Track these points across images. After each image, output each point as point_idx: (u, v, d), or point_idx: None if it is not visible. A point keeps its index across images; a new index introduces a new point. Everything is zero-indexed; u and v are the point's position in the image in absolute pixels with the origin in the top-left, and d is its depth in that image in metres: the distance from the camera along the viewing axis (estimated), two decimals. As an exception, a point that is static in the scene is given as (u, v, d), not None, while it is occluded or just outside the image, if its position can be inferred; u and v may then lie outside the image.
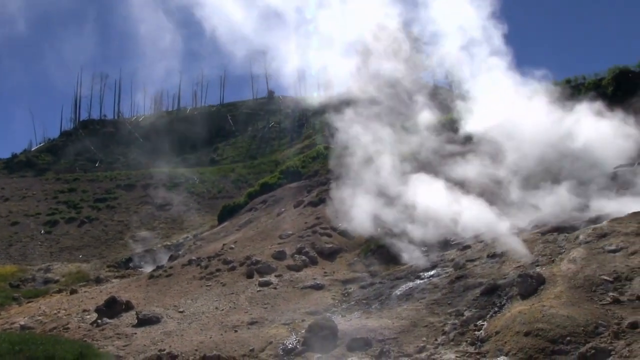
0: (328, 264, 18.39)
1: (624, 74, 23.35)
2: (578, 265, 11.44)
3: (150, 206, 40.09)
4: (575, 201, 15.93)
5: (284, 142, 56.16)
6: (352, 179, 21.33)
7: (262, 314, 14.27)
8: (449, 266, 14.64)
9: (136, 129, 63.79)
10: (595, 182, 16.55)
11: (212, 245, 23.10)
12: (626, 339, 8.62)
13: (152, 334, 13.59)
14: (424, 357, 10.03)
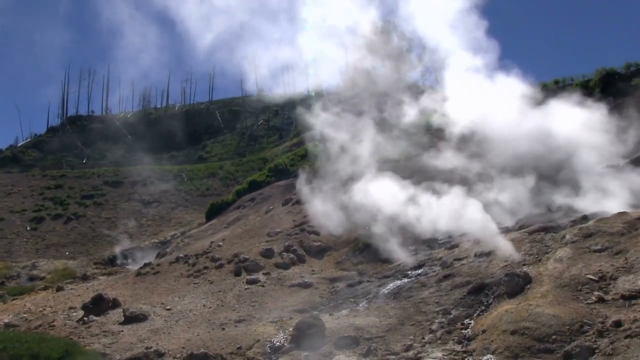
0: (316, 262, 18.40)
1: (610, 75, 23.57)
2: (564, 264, 11.53)
3: (138, 203, 39.88)
4: (536, 198, 16.19)
5: (272, 139, 56.07)
6: (331, 178, 21.50)
7: (249, 311, 14.25)
8: (436, 265, 14.71)
9: (124, 126, 63.37)
10: (565, 180, 16.84)
11: (200, 243, 23.03)
12: (610, 337, 8.71)
13: (139, 332, 13.53)
14: (411, 355, 10.07)
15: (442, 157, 21.12)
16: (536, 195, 17.17)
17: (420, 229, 17.53)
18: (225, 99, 69.55)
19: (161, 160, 53.81)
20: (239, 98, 69.04)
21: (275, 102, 62.62)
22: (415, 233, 17.53)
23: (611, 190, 15.67)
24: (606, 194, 15.67)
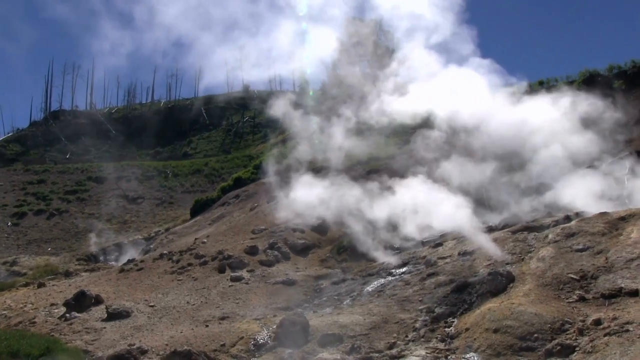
0: (300, 259, 18.39)
1: (593, 76, 23.86)
2: (547, 263, 11.65)
3: (122, 199, 39.58)
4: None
5: (258, 136, 55.92)
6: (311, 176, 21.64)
7: (233, 308, 14.22)
8: (420, 263, 14.77)
9: (109, 121, 62.85)
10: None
11: (184, 240, 22.93)
12: (590, 335, 8.82)
13: (121, 329, 13.44)
14: (394, 353, 10.11)
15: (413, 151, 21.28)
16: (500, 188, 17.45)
17: (406, 227, 17.62)
18: (211, 95, 69.17)
19: (146, 156, 53.47)
20: (225, 94, 68.73)
21: (261, 99, 62.42)
22: (399, 231, 17.62)
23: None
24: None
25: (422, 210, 17.50)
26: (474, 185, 18.25)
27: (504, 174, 18.39)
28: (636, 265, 10.54)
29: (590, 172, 16.92)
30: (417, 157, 21.34)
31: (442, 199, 17.26)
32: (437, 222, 17.03)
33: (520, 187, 17.90)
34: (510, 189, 17.92)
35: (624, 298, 9.64)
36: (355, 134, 22.98)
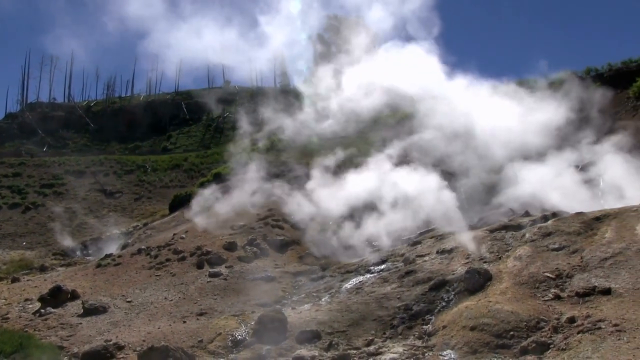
0: (279, 256, 18.38)
1: (571, 78, 24.15)
2: (523, 262, 11.78)
3: (100, 193, 39.11)
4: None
5: (238, 132, 55.60)
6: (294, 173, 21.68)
7: (211, 304, 14.16)
8: (399, 261, 14.84)
9: (87, 114, 62.00)
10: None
11: (163, 235, 22.76)
12: (564, 332, 8.95)
13: (98, 324, 13.31)
14: (372, 350, 10.15)
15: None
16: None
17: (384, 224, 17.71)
18: (191, 90, 68.52)
19: (125, 150, 52.85)
20: (205, 89, 68.17)
21: (242, 95, 62.13)
22: (378, 229, 17.70)
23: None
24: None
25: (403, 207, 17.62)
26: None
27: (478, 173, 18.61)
28: (610, 264, 10.72)
29: (565, 172, 17.16)
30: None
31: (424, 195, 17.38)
32: (417, 220, 17.20)
33: (494, 186, 18.13)
34: (486, 188, 18.11)
35: (598, 296, 9.80)
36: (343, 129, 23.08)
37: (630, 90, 22.41)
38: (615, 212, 13.08)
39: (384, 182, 18.68)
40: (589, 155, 18.12)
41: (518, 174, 17.63)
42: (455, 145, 19.43)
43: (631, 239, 11.38)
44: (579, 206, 14.86)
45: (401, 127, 22.41)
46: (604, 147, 18.48)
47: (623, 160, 17.87)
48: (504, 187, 18.00)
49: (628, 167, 17.65)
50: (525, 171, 17.68)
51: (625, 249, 11.06)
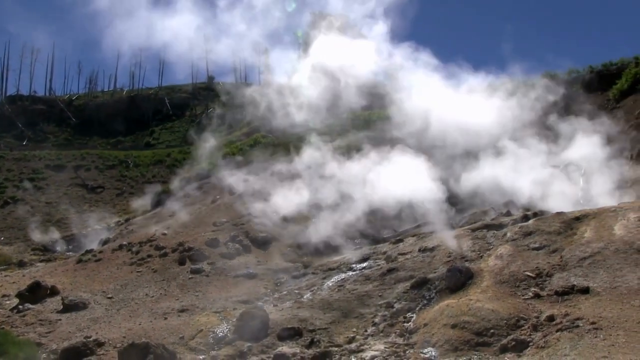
0: (261, 253, 18.34)
1: (553, 79, 24.43)
2: (504, 261, 11.89)
3: (81, 188, 38.73)
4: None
5: (222, 128, 55.38)
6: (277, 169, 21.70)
7: (193, 301, 14.11)
8: (381, 259, 14.90)
9: (68, 108, 61.30)
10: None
11: (144, 231, 22.60)
12: (543, 330, 9.06)
13: (78, 320, 13.19)
14: (353, 347, 10.18)
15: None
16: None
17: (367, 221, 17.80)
18: (174, 85, 68.07)
19: (107, 145, 52.38)
20: (189, 85, 67.79)
21: (226, 91, 61.87)
22: (359, 226, 17.80)
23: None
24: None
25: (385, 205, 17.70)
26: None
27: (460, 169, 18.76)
28: (588, 263, 10.86)
29: (546, 172, 17.34)
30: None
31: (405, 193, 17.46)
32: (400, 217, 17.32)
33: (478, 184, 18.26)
34: (470, 185, 18.24)
35: (576, 295, 9.93)
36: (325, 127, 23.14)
37: (610, 93, 22.70)
38: (594, 212, 13.25)
39: (366, 177, 18.73)
40: (568, 155, 18.31)
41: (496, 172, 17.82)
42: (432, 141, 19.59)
43: (609, 238, 11.54)
44: (558, 204, 15.07)
45: (381, 124, 22.46)
46: (584, 146, 18.71)
47: (603, 159, 18.17)
48: (484, 186, 18.19)
49: (607, 166, 17.97)
50: (505, 170, 17.87)
51: (603, 248, 11.21)
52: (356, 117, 26.13)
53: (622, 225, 11.93)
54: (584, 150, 18.47)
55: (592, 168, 17.92)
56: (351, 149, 22.20)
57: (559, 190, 16.51)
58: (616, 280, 9.98)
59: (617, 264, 10.50)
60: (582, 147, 18.55)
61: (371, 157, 19.75)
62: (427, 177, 17.14)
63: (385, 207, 17.89)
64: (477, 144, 18.96)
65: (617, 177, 17.62)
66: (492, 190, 17.96)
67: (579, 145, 18.57)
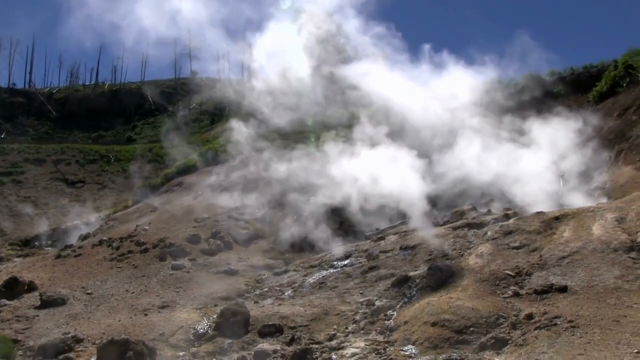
0: (243, 249, 18.31)
1: (536, 81, 24.66)
2: (485, 260, 11.99)
3: (61, 182, 38.31)
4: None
5: (204, 124, 55.09)
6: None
7: (173, 297, 14.04)
8: (362, 256, 14.94)
9: (49, 101, 60.53)
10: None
11: (125, 226, 22.43)
12: (522, 329, 9.15)
13: (56, 317, 13.06)
14: (334, 344, 10.20)
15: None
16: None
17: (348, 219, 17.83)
18: (157, 80, 67.57)
19: (88, 139, 51.84)
20: (172, 80, 67.34)
21: (208, 86, 61.53)
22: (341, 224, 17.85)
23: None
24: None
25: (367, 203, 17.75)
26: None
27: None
28: (567, 263, 11.00)
29: (526, 171, 17.49)
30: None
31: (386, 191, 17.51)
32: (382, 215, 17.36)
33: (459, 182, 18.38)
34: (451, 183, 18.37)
35: (555, 294, 10.05)
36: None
37: (590, 94, 22.98)
38: (573, 212, 13.41)
39: (348, 174, 18.77)
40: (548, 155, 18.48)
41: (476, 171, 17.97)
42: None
43: (587, 238, 11.69)
44: (538, 204, 15.25)
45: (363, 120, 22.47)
46: (564, 146, 18.91)
47: (582, 160, 18.41)
48: (464, 184, 18.32)
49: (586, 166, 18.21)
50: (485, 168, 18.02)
51: (581, 248, 11.36)
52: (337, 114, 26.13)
53: (600, 225, 12.08)
54: (564, 151, 18.66)
55: (572, 169, 18.13)
56: (331, 145, 22.16)
57: (539, 189, 16.67)
58: (593, 279, 10.12)
59: (594, 263, 10.65)
60: (561, 148, 18.73)
61: (353, 153, 19.77)
62: (409, 175, 17.18)
63: (367, 205, 17.94)
64: (456, 142, 19.06)
65: (596, 178, 17.87)
66: (472, 189, 18.10)
67: (559, 146, 18.75)
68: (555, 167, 17.90)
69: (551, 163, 17.86)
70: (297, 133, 25.73)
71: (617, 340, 8.10)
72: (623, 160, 17.67)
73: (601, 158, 18.58)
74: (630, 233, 11.49)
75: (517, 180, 16.96)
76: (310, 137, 23.33)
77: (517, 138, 18.79)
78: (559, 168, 18.01)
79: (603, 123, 20.50)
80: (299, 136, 25.30)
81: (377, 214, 18.16)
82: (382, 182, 17.31)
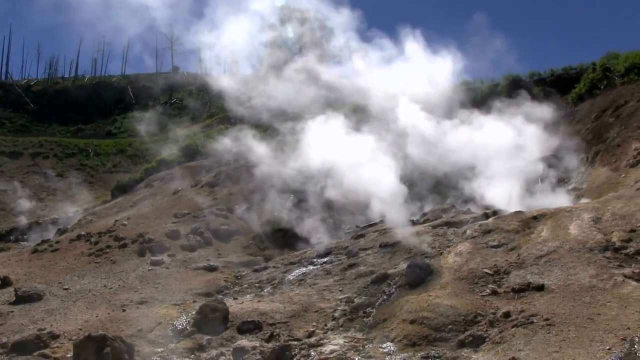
0: (223, 245, 18.26)
1: (516, 81, 24.92)
2: (464, 258, 12.08)
3: (39, 176, 37.85)
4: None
5: (185, 119, 54.76)
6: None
7: (152, 293, 13.94)
8: (342, 254, 14.98)
9: (26, 94, 59.67)
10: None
11: (104, 221, 22.23)
12: (499, 327, 9.25)
13: (31, 312, 12.88)
14: (313, 341, 10.21)
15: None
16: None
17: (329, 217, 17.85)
18: (138, 74, 66.94)
19: (67, 133, 51.22)
20: (153, 74, 66.75)
21: (190, 82, 61.16)
22: (322, 221, 17.88)
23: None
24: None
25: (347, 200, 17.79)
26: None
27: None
28: (544, 262, 11.13)
29: (505, 171, 17.68)
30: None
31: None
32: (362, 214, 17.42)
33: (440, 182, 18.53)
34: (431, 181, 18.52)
35: (532, 292, 10.16)
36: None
37: (569, 96, 23.27)
38: (551, 212, 13.57)
39: (328, 170, 18.81)
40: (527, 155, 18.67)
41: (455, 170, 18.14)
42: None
43: (564, 238, 11.84)
44: (518, 205, 15.43)
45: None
46: (543, 147, 19.14)
47: (560, 160, 18.65)
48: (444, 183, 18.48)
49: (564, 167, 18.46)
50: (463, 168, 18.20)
51: (558, 247, 11.50)
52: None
53: (576, 225, 12.25)
54: (542, 151, 18.89)
55: (550, 169, 18.36)
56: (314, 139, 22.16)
57: (518, 189, 16.86)
58: (569, 278, 10.25)
59: (570, 263, 10.79)
60: (540, 148, 18.96)
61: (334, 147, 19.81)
62: (390, 173, 17.26)
63: (347, 202, 18.00)
64: (436, 145, 19.21)
65: (574, 179, 18.12)
66: (452, 188, 18.25)
67: (538, 146, 18.97)
68: (534, 167, 18.12)
69: (530, 163, 18.07)
70: (275, 125, 25.67)
71: (590, 337, 8.24)
72: (600, 161, 17.92)
73: (579, 159, 18.84)
74: (605, 233, 11.66)
75: (495, 180, 17.15)
76: (287, 128, 23.22)
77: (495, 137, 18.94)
78: (538, 168, 18.22)
79: (581, 124, 20.79)
80: (276, 129, 25.23)
81: (358, 213, 18.25)
82: (362, 181, 17.40)
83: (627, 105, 19.49)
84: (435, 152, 18.80)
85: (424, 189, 19.09)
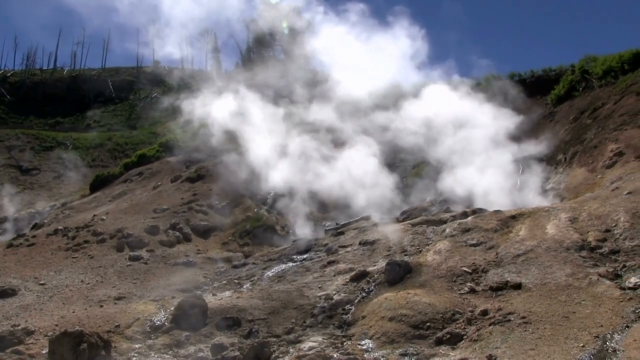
0: (202, 241, 18.18)
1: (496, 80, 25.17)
2: (442, 256, 12.17)
3: (15, 169, 37.23)
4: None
5: (165, 114, 54.28)
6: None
7: (130, 289, 13.83)
8: (322, 251, 15.00)
9: (3, 85, 58.67)
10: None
11: (82, 216, 21.98)
12: (477, 324, 9.34)
13: (5, 308, 12.70)
14: (292, 338, 10.22)
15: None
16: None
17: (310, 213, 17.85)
18: (118, 68, 66.12)
19: (44, 126, 50.43)
20: (134, 68, 66.05)
21: (171, 77, 60.65)
22: (303, 218, 17.86)
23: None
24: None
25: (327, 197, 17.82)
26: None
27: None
28: (522, 260, 11.26)
29: (484, 171, 17.84)
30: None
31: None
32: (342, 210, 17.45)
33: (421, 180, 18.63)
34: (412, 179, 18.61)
35: (509, 291, 10.28)
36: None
37: (548, 97, 23.54)
38: (529, 212, 13.73)
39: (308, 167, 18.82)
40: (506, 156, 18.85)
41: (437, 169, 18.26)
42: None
43: (542, 237, 11.99)
44: (496, 203, 15.58)
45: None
46: (522, 148, 19.35)
47: (539, 161, 18.86)
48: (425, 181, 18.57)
49: (543, 167, 18.67)
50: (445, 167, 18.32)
51: (536, 246, 11.64)
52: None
53: (554, 225, 12.41)
54: (521, 152, 19.09)
55: (529, 169, 18.56)
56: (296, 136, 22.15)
57: (497, 189, 17.02)
58: (546, 277, 10.39)
59: (547, 262, 10.93)
60: (519, 149, 19.15)
61: (314, 145, 19.82)
62: (372, 171, 17.33)
63: (327, 199, 18.03)
64: (418, 142, 19.33)
65: (552, 179, 18.33)
66: (433, 186, 18.35)
67: (516, 147, 19.17)
68: (514, 167, 18.31)
69: (509, 163, 18.25)
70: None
71: (565, 335, 8.38)
72: (577, 162, 18.15)
73: (557, 160, 19.07)
74: (581, 233, 11.84)
75: (476, 179, 17.29)
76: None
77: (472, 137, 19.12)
78: (517, 168, 18.41)
79: (560, 125, 21.05)
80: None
81: (338, 209, 18.29)
82: (343, 178, 17.43)
83: (604, 107, 19.77)
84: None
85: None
